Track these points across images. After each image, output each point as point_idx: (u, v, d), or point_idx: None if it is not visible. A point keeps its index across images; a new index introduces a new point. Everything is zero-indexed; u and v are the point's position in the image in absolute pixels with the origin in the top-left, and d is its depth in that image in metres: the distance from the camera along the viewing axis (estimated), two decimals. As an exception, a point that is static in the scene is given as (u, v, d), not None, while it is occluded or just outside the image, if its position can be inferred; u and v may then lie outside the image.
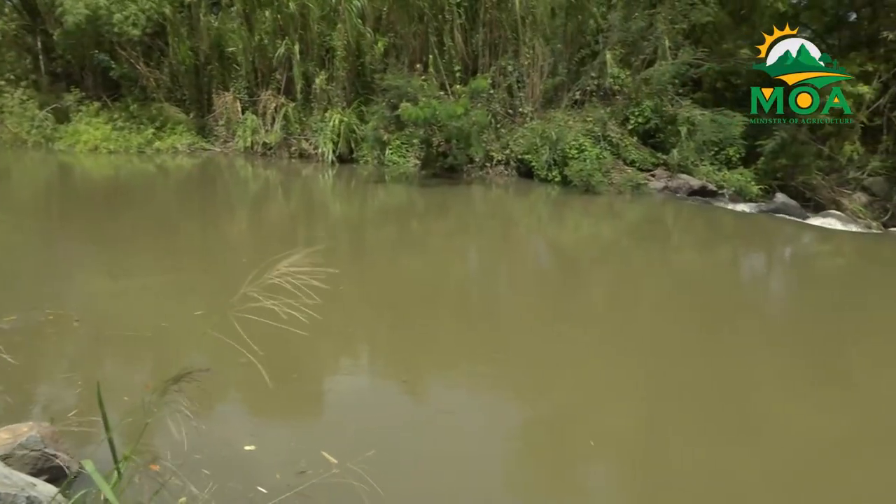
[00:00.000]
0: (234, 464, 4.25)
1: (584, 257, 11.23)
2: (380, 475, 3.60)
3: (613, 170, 15.94)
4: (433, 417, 5.22)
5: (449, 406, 5.43)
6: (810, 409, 5.75)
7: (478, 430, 5.02)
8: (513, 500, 4.26)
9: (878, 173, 15.34)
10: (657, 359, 6.56)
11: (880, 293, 9.90)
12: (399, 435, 4.86)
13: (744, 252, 12.42)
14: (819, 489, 4.54)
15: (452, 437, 4.87)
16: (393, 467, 4.28)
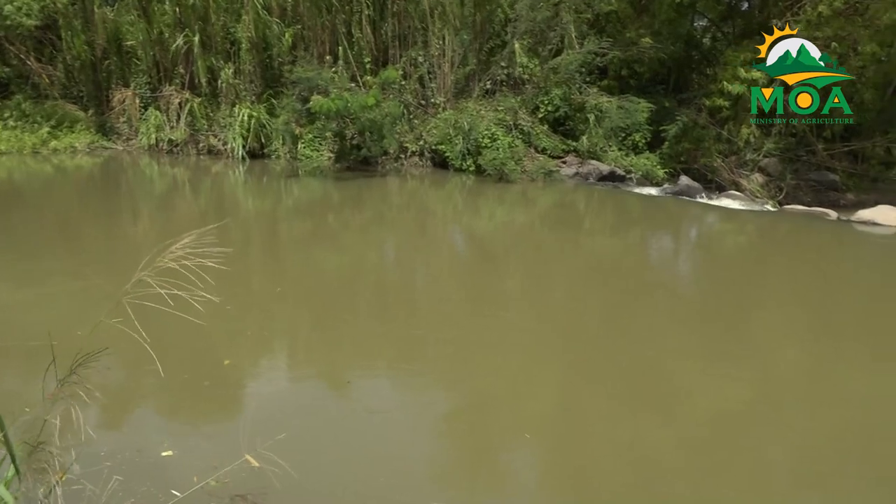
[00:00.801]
0: (148, 468, 4.09)
1: (501, 245, 11.36)
2: (298, 465, 3.53)
3: (526, 158, 16.21)
4: (353, 408, 5.17)
5: (368, 396, 5.39)
6: (718, 380, 6.00)
7: (398, 419, 5.00)
8: (433, 483, 4.27)
9: (772, 155, 16.18)
10: (574, 340, 6.71)
11: (778, 268, 10.45)
12: (317, 425, 4.78)
13: (652, 234, 12.85)
14: (730, 456, 4.74)
15: (371, 427, 4.83)
16: (311, 457, 4.22)
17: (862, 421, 5.30)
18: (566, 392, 5.62)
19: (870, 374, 6.31)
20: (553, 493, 4.32)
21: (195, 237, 2.38)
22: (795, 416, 5.36)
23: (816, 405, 5.61)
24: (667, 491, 4.31)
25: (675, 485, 4.38)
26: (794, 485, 4.44)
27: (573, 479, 4.43)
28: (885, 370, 6.43)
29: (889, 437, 5.07)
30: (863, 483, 4.50)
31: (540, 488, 4.37)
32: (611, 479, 4.41)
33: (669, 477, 4.45)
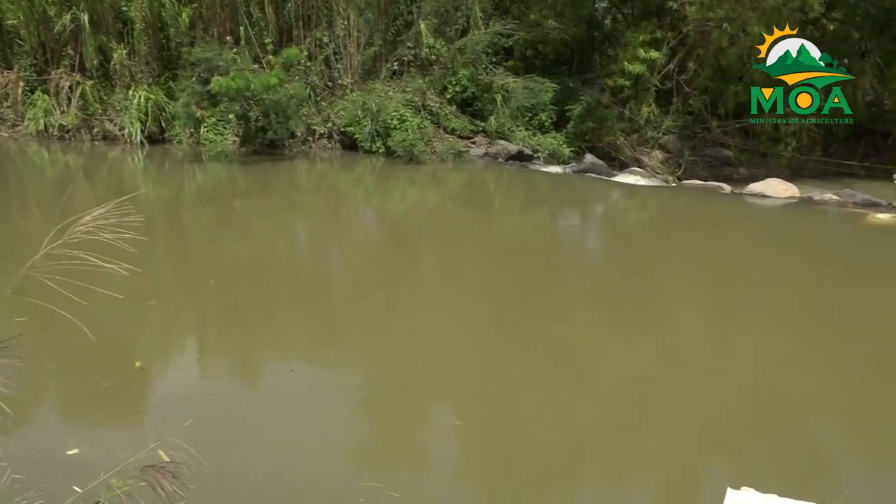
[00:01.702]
0: (54, 467, 3.90)
1: (414, 226, 11.36)
2: (209, 454, 3.43)
3: (435, 138, 16.23)
4: (269, 396, 5.09)
5: (285, 384, 5.31)
6: (627, 349, 6.23)
7: (317, 405, 4.95)
8: (354, 467, 4.24)
9: (671, 132, 16.81)
10: (490, 318, 6.81)
11: (678, 240, 10.91)
12: (233, 414, 4.68)
13: (561, 211, 13.17)
14: (641, 422, 4.94)
15: (289, 414, 4.77)
16: (225, 446, 4.12)
17: (758, 383, 5.62)
18: (484, 369, 5.70)
19: (765, 337, 6.70)
20: (476, 466, 4.39)
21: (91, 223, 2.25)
22: (699, 381, 5.63)
23: (718, 369, 5.91)
24: (584, 457, 4.46)
25: (592, 451, 4.54)
26: (701, 446, 4.66)
27: (495, 453, 4.50)
28: (778, 332, 6.84)
29: (784, 395, 5.40)
30: (762, 441, 4.78)
31: (462, 464, 4.43)
32: (529, 450, 4.52)
33: (585, 443, 4.60)
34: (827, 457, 4.69)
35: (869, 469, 4.60)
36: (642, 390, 5.40)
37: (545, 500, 4.02)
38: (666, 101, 17.05)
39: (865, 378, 5.81)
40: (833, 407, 5.32)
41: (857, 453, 4.78)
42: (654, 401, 5.24)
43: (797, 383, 5.66)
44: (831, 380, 5.79)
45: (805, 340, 6.73)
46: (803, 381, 5.73)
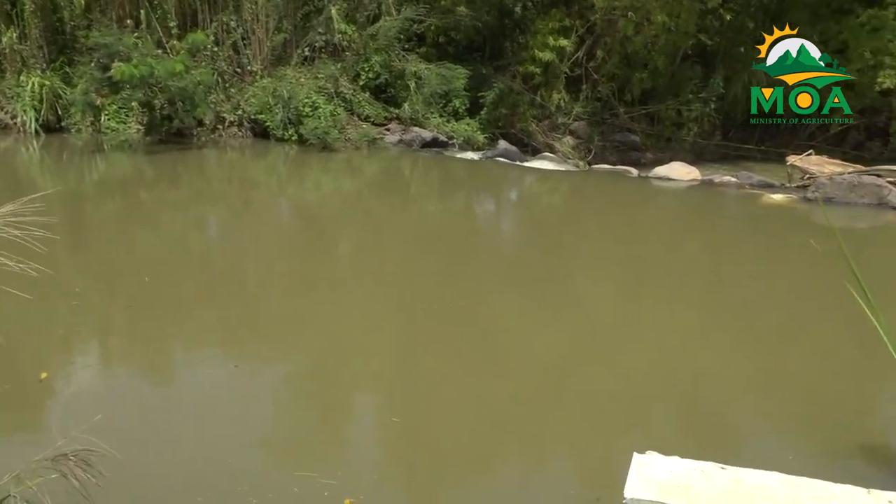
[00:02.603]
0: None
1: (329, 214, 11.24)
2: (126, 450, 3.33)
3: (349, 126, 16.05)
4: (184, 392, 4.96)
5: (200, 381, 5.20)
6: (544, 330, 6.40)
7: (239, 399, 4.87)
8: (275, 458, 4.20)
9: (581, 118, 17.26)
10: (409, 306, 6.84)
11: (590, 223, 11.25)
12: (147, 413, 4.55)
13: (476, 196, 13.32)
14: (560, 401, 5.08)
15: (210, 411, 4.67)
16: (145, 443, 4.01)
17: (668, 354, 5.89)
18: (406, 356, 5.73)
19: (673, 310, 7.02)
20: (406, 451, 4.41)
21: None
22: (613, 356, 5.85)
23: (631, 343, 6.15)
24: (504, 436, 4.56)
25: (514, 431, 4.64)
26: (615, 418, 4.84)
27: (422, 438, 4.54)
28: (685, 306, 7.19)
29: (692, 366, 5.68)
30: (673, 410, 5.02)
31: (394, 449, 4.45)
32: (453, 432, 4.59)
33: (505, 423, 4.70)
34: (730, 421, 4.98)
35: (766, 431, 4.90)
36: (560, 367, 5.57)
37: (469, 479, 4.11)
38: (576, 88, 17.46)
39: (765, 346, 6.18)
40: (735, 374, 5.62)
41: (757, 417, 5.09)
42: (572, 377, 5.42)
43: (703, 354, 5.97)
44: (734, 349, 6.13)
45: (709, 313, 7.10)
46: (709, 351, 6.05)
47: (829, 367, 5.76)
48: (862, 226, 11.45)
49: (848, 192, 12.16)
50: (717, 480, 1.94)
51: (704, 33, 16.78)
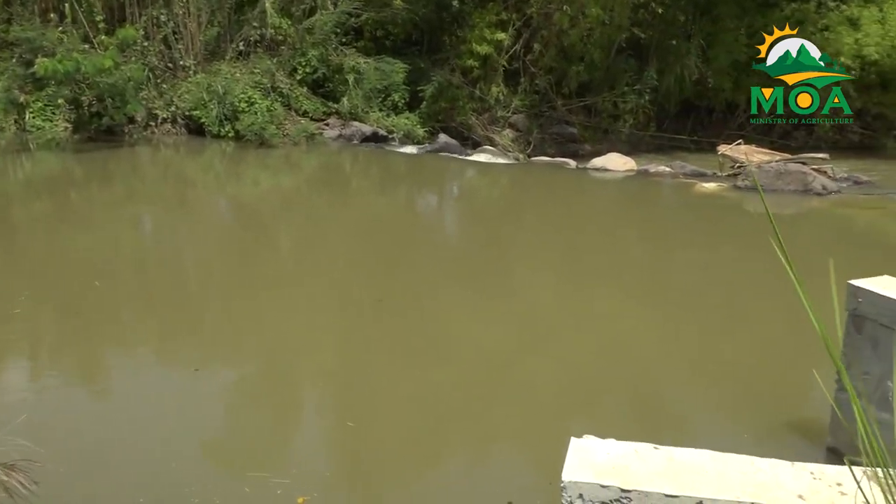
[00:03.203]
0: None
1: (270, 211, 11.06)
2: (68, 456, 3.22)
3: (287, 121, 15.82)
4: (124, 397, 4.82)
5: (138, 387, 5.05)
6: (487, 322, 6.43)
7: (184, 402, 4.76)
8: (232, 458, 4.12)
9: (520, 111, 17.42)
10: (351, 299, 6.80)
11: (530, 214, 11.38)
12: (80, 420, 4.40)
13: (418, 190, 13.31)
14: (505, 391, 5.12)
15: (154, 413, 4.54)
16: (86, 449, 3.88)
17: (609, 341, 6.00)
18: (350, 352, 5.67)
19: (613, 298, 7.16)
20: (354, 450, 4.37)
21: None
22: (557, 344, 5.93)
23: (574, 331, 6.24)
24: (450, 429, 4.57)
25: (464, 422, 4.66)
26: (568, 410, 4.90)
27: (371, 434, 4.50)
28: (625, 293, 7.33)
29: (632, 351, 5.79)
30: (614, 395, 5.12)
31: (339, 448, 4.41)
32: (403, 427, 4.57)
33: (457, 416, 4.71)
34: (671, 405, 5.12)
35: (706, 414, 5.06)
36: (506, 358, 5.61)
37: (421, 472, 4.12)
38: (514, 81, 17.62)
39: (703, 330, 6.36)
40: (675, 359, 5.78)
41: (697, 400, 5.24)
42: (517, 367, 5.47)
43: (644, 339, 6.10)
44: (673, 334, 6.29)
45: (649, 299, 7.26)
46: (649, 336, 6.19)
47: (764, 349, 5.97)
48: (789, 211, 11.90)
49: (775, 179, 12.60)
50: (650, 460, 1.99)
51: (637, 27, 17.13)
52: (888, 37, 16.21)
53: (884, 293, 3.54)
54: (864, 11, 17.04)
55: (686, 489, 1.87)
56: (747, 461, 2.01)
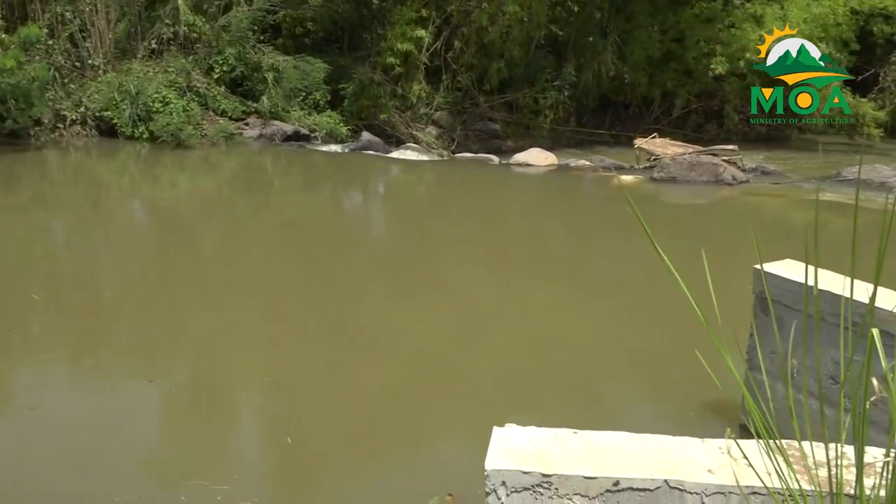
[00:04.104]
0: None
1: (188, 214, 10.75)
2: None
3: (204, 121, 15.37)
4: (36, 413, 4.59)
5: (53, 397, 4.82)
6: (419, 319, 6.43)
7: (105, 416, 4.57)
8: (166, 469, 3.98)
9: (442, 108, 17.51)
10: (277, 301, 6.66)
11: (456, 209, 11.45)
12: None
13: (343, 189, 13.18)
14: (438, 389, 5.12)
15: (73, 430, 4.35)
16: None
17: (537, 332, 6.09)
18: (279, 356, 5.55)
19: (540, 289, 7.28)
20: (294, 455, 4.29)
21: None
22: (489, 341, 5.97)
23: (504, 327, 6.29)
24: (390, 428, 4.55)
25: (397, 421, 4.64)
26: (499, 402, 4.93)
27: (309, 439, 4.43)
28: (550, 284, 7.47)
29: (559, 341, 5.90)
30: (541, 385, 5.19)
31: (278, 454, 4.32)
32: (332, 429, 4.52)
33: (385, 415, 4.69)
34: (597, 392, 5.25)
35: (630, 398, 5.22)
36: (436, 354, 5.62)
37: (360, 472, 4.08)
38: (436, 79, 17.68)
39: (625, 317, 6.53)
40: (599, 346, 5.92)
41: (623, 386, 5.39)
42: (447, 362, 5.48)
43: (569, 329, 6.23)
44: (596, 322, 6.44)
45: (575, 289, 7.42)
46: (576, 325, 6.33)
47: (684, 334, 6.17)
48: (702, 201, 12.38)
49: (689, 171, 13.08)
50: (570, 445, 2.03)
51: (555, 24, 17.46)
52: (789, 33, 17.00)
53: (786, 276, 3.73)
54: (767, 9, 17.87)
55: (604, 470, 1.93)
56: (661, 440, 2.08)
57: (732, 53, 17.44)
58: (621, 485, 1.91)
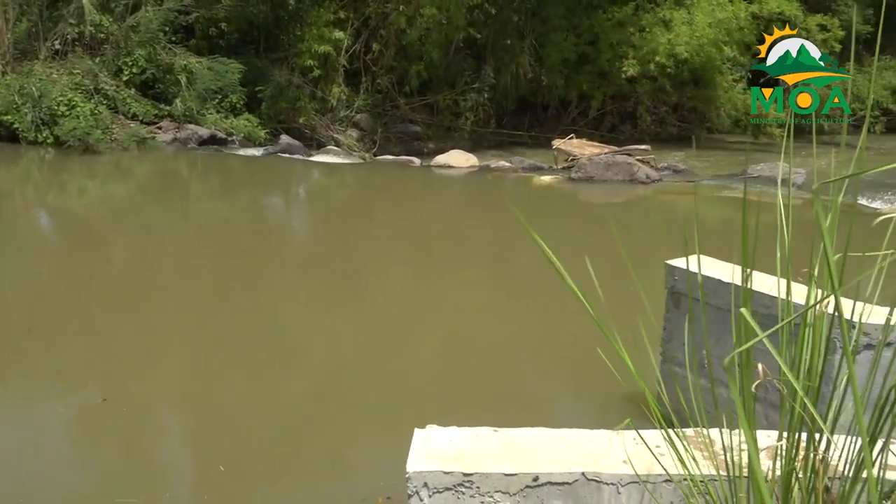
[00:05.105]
0: None
1: (99, 223, 10.30)
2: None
3: (114, 125, 14.79)
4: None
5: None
6: (338, 326, 6.35)
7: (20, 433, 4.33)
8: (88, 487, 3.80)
9: (363, 111, 17.40)
10: (194, 310, 6.47)
11: (378, 212, 11.40)
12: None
13: (262, 194, 12.92)
14: (357, 398, 5.06)
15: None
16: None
17: (463, 335, 6.12)
18: (202, 370, 5.37)
19: (463, 290, 7.32)
20: (223, 471, 4.16)
21: None
22: (412, 344, 5.96)
23: (428, 329, 6.30)
24: (311, 438, 4.48)
25: (318, 429, 4.57)
26: (423, 404, 4.92)
27: (236, 454, 4.30)
28: (473, 284, 7.52)
29: (485, 345, 5.93)
30: (476, 389, 5.21)
31: (206, 470, 4.18)
32: (252, 439, 4.41)
33: (310, 424, 4.62)
34: (520, 389, 5.31)
35: (553, 393, 5.31)
36: (360, 359, 5.56)
37: (286, 484, 4.00)
38: (356, 81, 17.57)
39: (546, 314, 6.64)
40: (524, 343, 6.00)
41: (546, 382, 5.48)
42: (372, 367, 5.44)
43: (494, 327, 6.29)
44: (521, 318, 6.52)
45: (498, 288, 7.51)
46: (499, 324, 6.39)
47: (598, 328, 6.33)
48: (618, 200, 12.76)
49: (605, 170, 13.45)
50: (490, 443, 2.06)
51: (473, 27, 17.63)
52: (695, 37, 17.75)
53: (694, 270, 3.87)
54: (675, 14, 18.56)
55: (523, 466, 1.96)
56: (579, 434, 2.14)
57: (643, 56, 18.03)
58: (541, 480, 1.95)
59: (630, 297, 1.81)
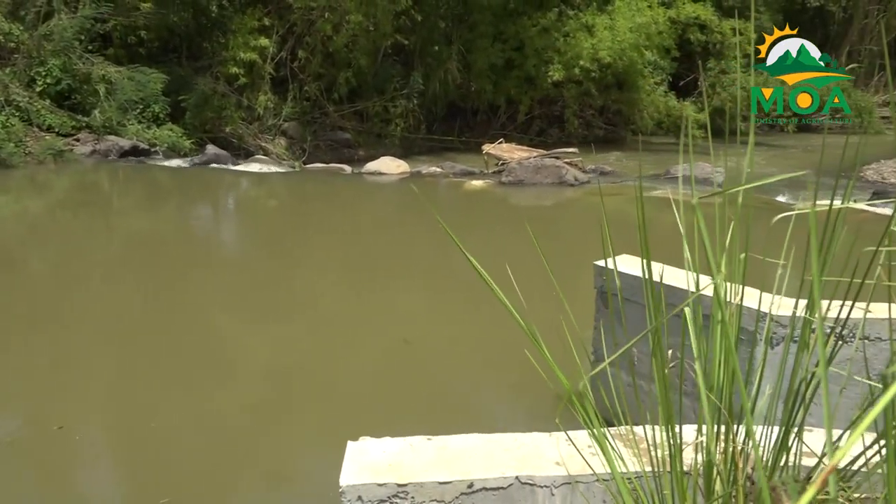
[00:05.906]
0: None
1: (14, 240, 9.82)
2: None
3: (28, 138, 14.17)
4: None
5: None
6: (271, 338, 6.24)
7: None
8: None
9: (292, 119, 17.18)
10: (124, 326, 6.24)
11: (309, 222, 11.26)
12: None
13: (189, 206, 12.58)
14: (293, 406, 4.99)
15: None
16: None
17: (403, 343, 6.09)
18: (123, 388, 5.18)
19: (399, 296, 7.29)
20: (136, 496, 4.02)
21: None
22: (351, 353, 5.88)
23: (366, 337, 6.24)
24: (245, 453, 4.37)
25: (243, 442, 4.47)
26: (368, 417, 4.86)
27: (156, 470, 4.17)
28: (409, 290, 7.49)
29: (426, 352, 5.93)
30: (414, 397, 5.20)
31: (148, 492, 4.03)
32: (191, 456, 4.29)
33: (247, 438, 4.51)
34: (461, 395, 5.33)
35: (489, 398, 5.34)
36: (297, 372, 5.47)
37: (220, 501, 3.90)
38: (283, 89, 17.33)
39: (483, 317, 6.67)
40: (461, 347, 6.01)
41: (482, 387, 5.50)
42: (310, 379, 5.36)
43: (431, 333, 6.29)
44: (458, 323, 6.54)
45: (435, 293, 7.50)
46: (436, 329, 6.39)
47: (542, 330, 6.41)
48: (548, 202, 12.95)
49: (534, 174, 13.65)
50: (424, 452, 2.05)
51: (401, 33, 17.64)
52: (616, 41, 18.23)
53: (622, 270, 3.98)
54: (598, 19, 19.02)
55: (458, 474, 1.96)
56: (511, 438, 2.16)
57: (568, 61, 18.40)
58: (475, 486, 1.96)
59: (561, 299, 1.84)
